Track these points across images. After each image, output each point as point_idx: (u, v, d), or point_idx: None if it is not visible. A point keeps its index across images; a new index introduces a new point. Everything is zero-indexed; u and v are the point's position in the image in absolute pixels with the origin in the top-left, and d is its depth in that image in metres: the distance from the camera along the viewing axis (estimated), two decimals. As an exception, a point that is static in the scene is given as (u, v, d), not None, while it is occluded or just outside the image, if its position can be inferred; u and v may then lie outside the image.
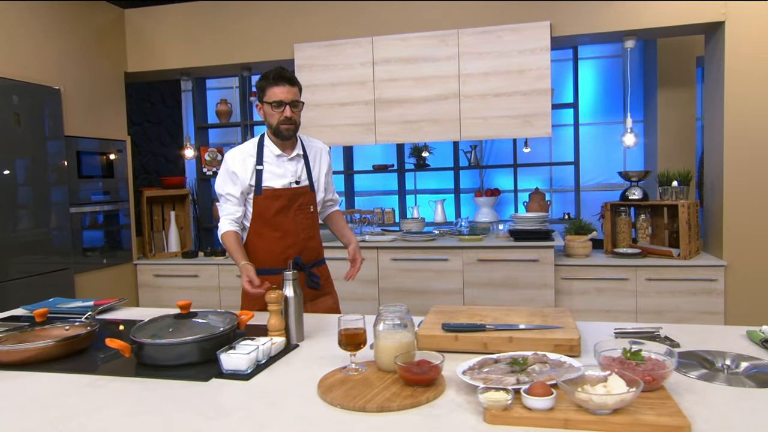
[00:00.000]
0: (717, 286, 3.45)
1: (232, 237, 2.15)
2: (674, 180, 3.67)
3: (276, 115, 2.11)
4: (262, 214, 2.18)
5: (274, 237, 2.19)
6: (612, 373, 1.19)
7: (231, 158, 2.18)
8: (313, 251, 2.30)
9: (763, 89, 3.34)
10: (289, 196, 2.19)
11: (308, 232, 2.26)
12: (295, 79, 2.13)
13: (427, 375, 1.29)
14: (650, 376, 1.20)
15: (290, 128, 2.13)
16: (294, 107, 2.12)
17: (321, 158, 2.33)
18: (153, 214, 4.56)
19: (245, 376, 1.41)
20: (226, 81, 5.62)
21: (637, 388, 1.12)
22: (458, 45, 3.72)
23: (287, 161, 2.21)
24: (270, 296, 1.65)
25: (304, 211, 2.24)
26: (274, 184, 2.18)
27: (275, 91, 2.09)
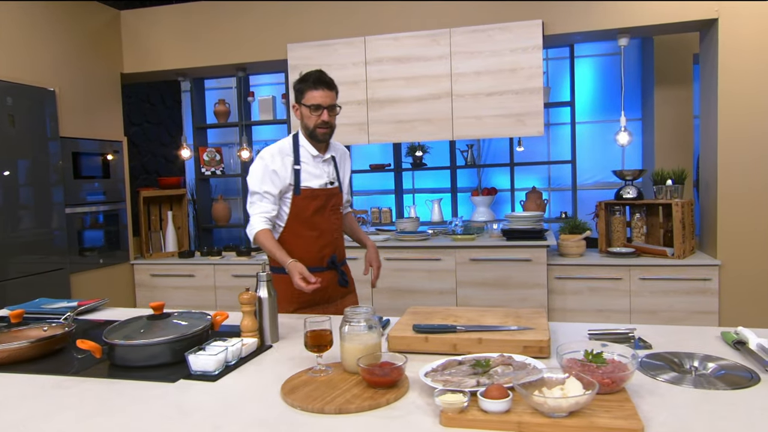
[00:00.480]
0: (711, 285, 3.42)
1: (270, 235, 2.14)
2: (668, 179, 3.64)
3: (313, 118, 2.13)
4: (299, 213, 2.19)
5: (312, 236, 2.21)
6: (570, 376, 1.19)
7: (270, 156, 2.17)
8: (342, 250, 2.36)
9: (757, 87, 3.31)
10: (325, 197, 2.23)
11: (339, 231, 2.33)
12: (333, 84, 2.16)
13: (388, 377, 1.29)
14: (609, 379, 1.20)
15: (326, 132, 2.16)
16: (331, 111, 2.14)
17: (345, 161, 2.38)
18: (150, 214, 4.59)
19: (213, 377, 1.43)
20: (226, 81, 5.64)
21: (591, 391, 1.12)
22: (450, 44, 3.71)
23: (322, 162, 2.24)
24: (243, 297, 1.66)
25: (336, 211, 2.29)
26: (312, 184, 2.20)
27: (314, 94, 2.11)
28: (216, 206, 5.19)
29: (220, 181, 5.48)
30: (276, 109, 4.92)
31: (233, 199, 5.43)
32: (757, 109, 3.32)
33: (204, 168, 5.10)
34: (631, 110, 4.76)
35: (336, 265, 2.28)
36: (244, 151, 4.52)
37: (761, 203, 3.37)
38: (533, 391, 1.16)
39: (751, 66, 3.31)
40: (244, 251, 4.30)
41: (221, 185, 5.53)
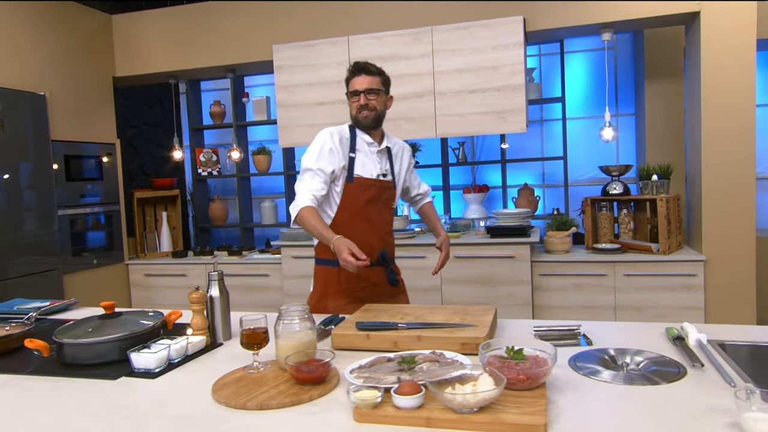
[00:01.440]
0: (696, 281, 3.38)
1: (314, 212, 2.01)
2: (654, 174, 3.60)
3: (354, 104, 2.15)
4: (352, 202, 2.13)
5: (363, 228, 2.13)
6: (483, 373, 1.20)
7: (329, 134, 2.15)
8: (392, 247, 2.29)
9: (740, 81, 3.26)
10: (377, 188, 2.17)
11: (390, 227, 2.27)
12: (373, 69, 2.15)
13: (314, 373, 1.32)
14: (525, 375, 1.21)
15: (367, 115, 2.13)
16: (370, 94, 2.12)
17: (402, 155, 2.33)
18: (145, 214, 4.68)
19: (153, 374, 1.47)
20: (222, 82, 5.71)
21: (499, 387, 1.13)
22: (432, 42, 3.72)
23: (377, 152, 2.20)
24: (192, 297, 1.70)
25: (388, 206, 2.24)
26: (364, 173, 2.15)
27: (352, 81, 2.15)
28: (213, 206, 5.27)
29: (218, 182, 5.56)
30: (270, 109, 4.97)
31: (230, 199, 5.49)
32: (740, 103, 3.28)
33: (200, 169, 5.17)
34: (624, 105, 4.72)
35: (386, 261, 2.18)
36: (234, 151, 4.57)
37: (745, 198, 3.32)
38: (447, 388, 1.18)
39: (734, 60, 3.26)
40: (236, 251, 4.36)
41: (219, 185, 5.61)
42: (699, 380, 1.30)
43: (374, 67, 2.16)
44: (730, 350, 1.53)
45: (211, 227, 5.31)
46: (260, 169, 5.03)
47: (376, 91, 2.13)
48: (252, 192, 5.37)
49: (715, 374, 1.33)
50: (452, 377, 1.21)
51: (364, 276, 2.11)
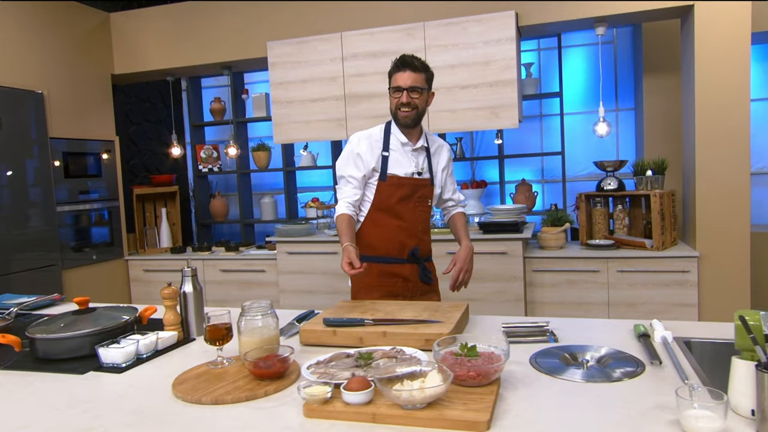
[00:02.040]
0: (690, 277, 3.35)
1: (344, 219, 2.10)
2: (648, 169, 3.56)
3: (394, 100, 2.11)
4: (384, 200, 2.15)
5: (394, 225, 2.16)
6: (432, 370, 1.21)
7: (357, 140, 2.17)
8: (426, 245, 2.27)
9: (734, 76, 3.21)
10: (411, 186, 2.16)
11: (425, 225, 2.24)
12: (418, 65, 2.09)
13: (271, 369, 1.33)
14: (475, 372, 1.22)
15: (408, 114, 2.09)
16: (413, 92, 2.07)
17: (441, 154, 2.29)
18: (145, 211, 4.74)
19: (120, 369, 1.50)
20: (223, 79, 5.75)
21: (444, 383, 1.14)
22: (425, 38, 3.71)
23: (411, 151, 2.18)
24: (163, 292, 1.73)
25: (423, 203, 2.21)
26: (398, 171, 2.15)
27: (395, 77, 2.09)
28: (214, 202, 5.32)
29: (220, 178, 5.61)
30: (269, 106, 5.00)
31: (231, 195, 5.54)
32: (734, 98, 3.23)
33: (201, 165, 5.22)
34: (624, 100, 4.67)
35: (417, 258, 2.19)
36: (231, 148, 4.61)
37: (740, 194, 3.27)
38: (396, 383, 1.19)
39: (728, 54, 3.21)
40: (233, 247, 4.40)
41: (221, 182, 5.65)
42: (655, 377, 1.30)
43: (420, 63, 2.10)
44: (695, 348, 1.53)
45: (212, 223, 5.36)
46: (260, 165, 5.06)
47: (419, 89, 2.08)
48: (252, 188, 5.41)
49: (672, 372, 1.33)
50: (403, 374, 1.22)
51: (396, 272, 2.16)
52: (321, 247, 4.00)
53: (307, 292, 4.04)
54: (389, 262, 2.16)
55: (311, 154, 4.89)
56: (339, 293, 3.97)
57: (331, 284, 4.00)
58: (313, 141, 4.25)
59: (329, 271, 3.99)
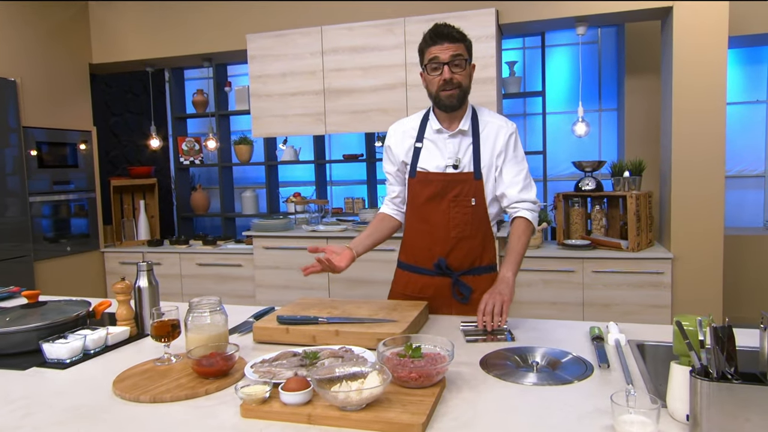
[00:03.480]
0: (664, 279, 3.35)
1: (376, 220, 1.96)
2: (626, 170, 3.56)
3: (434, 79, 1.74)
4: (413, 200, 1.89)
5: (422, 230, 1.88)
6: (372, 371, 1.19)
7: (392, 131, 1.95)
8: (468, 255, 1.87)
9: (710, 77, 3.21)
10: (442, 183, 1.81)
11: (462, 229, 1.83)
12: (456, 35, 1.73)
13: (213, 367, 1.31)
14: (416, 373, 1.20)
15: (453, 94, 1.74)
16: (455, 66, 1.72)
17: (496, 137, 1.82)
18: (123, 203, 4.69)
19: (65, 365, 1.47)
20: (206, 71, 5.70)
21: (381, 385, 1.12)
22: (405, 33, 3.68)
23: (448, 138, 1.82)
24: (116, 287, 1.70)
25: (462, 203, 1.81)
26: (428, 165, 1.84)
27: (431, 50, 1.73)
28: (195, 195, 5.27)
29: (201, 171, 5.56)
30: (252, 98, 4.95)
31: (212, 188, 5.50)
32: (711, 100, 3.23)
33: (183, 158, 5.17)
34: (607, 100, 4.66)
35: (446, 271, 1.85)
36: (211, 141, 4.57)
37: (714, 196, 3.28)
38: (336, 384, 1.17)
39: (705, 57, 3.21)
40: (210, 240, 4.37)
41: (203, 175, 5.61)
42: (601, 381, 1.29)
43: (457, 31, 1.75)
44: (648, 351, 1.52)
45: (193, 216, 5.32)
46: (241, 159, 5.02)
47: (463, 61, 1.73)
48: (234, 182, 5.37)
49: (619, 375, 1.32)
50: (343, 374, 1.20)
51: (425, 283, 1.90)
52: (298, 242, 3.97)
53: (283, 288, 4.02)
54: (419, 272, 1.91)
55: (293, 148, 4.85)
56: (315, 289, 3.95)
57: (308, 280, 3.97)
58: (292, 135, 4.22)
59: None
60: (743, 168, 4.48)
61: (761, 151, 4.44)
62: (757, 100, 4.39)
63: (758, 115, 4.41)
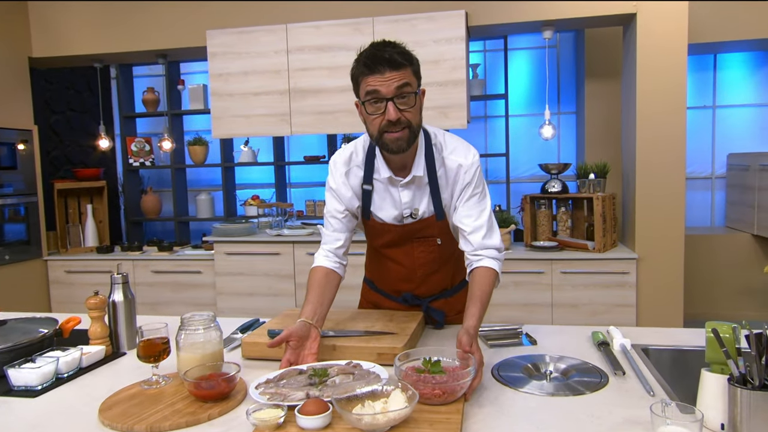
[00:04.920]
0: (629, 279, 3.44)
1: (316, 277, 1.56)
2: (591, 172, 3.64)
3: (375, 119, 1.42)
4: (371, 240, 1.72)
5: (386, 266, 1.73)
6: (395, 389, 1.11)
7: (335, 167, 1.60)
8: (437, 285, 1.73)
9: (673, 82, 3.32)
10: (401, 231, 1.62)
11: (429, 267, 1.68)
12: (400, 58, 1.38)
13: (215, 390, 1.20)
14: (441, 390, 1.13)
15: (401, 137, 1.42)
16: (402, 99, 1.39)
17: (456, 180, 1.55)
18: (68, 207, 4.38)
19: (35, 392, 1.31)
20: (156, 68, 5.42)
21: (410, 405, 1.05)
22: (373, 33, 3.61)
23: (401, 187, 1.56)
24: (89, 302, 1.54)
25: (427, 243, 1.64)
26: (383, 215, 1.60)
27: (368, 80, 1.40)
28: (145, 199, 5.00)
29: (151, 173, 5.29)
30: (207, 98, 4.75)
31: (164, 191, 5.23)
32: (672, 104, 3.34)
33: (132, 159, 4.90)
34: (566, 104, 4.76)
35: (415, 302, 1.73)
36: (165, 141, 4.34)
37: (676, 198, 3.39)
38: (357, 404, 1.09)
39: (667, 62, 3.32)
40: (166, 246, 4.14)
41: (154, 177, 5.33)
42: (620, 389, 1.27)
43: (401, 52, 1.40)
44: (653, 355, 1.52)
45: (143, 221, 5.04)
46: (196, 160, 4.81)
47: (410, 93, 1.40)
48: (188, 184, 5.13)
49: (636, 383, 1.30)
50: (363, 393, 1.12)
51: (395, 307, 1.76)
52: (262, 247, 3.83)
53: (247, 295, 3.86)
54: (387, 297, 1.79)
55: (251, 149, 4.68)
56: (281, 295, 3.82)
57: (273, 286, 3.83)
58: (255, 136, 4.06)
59: (271, 272, 3.83)
60: (691, 171, 4.68)
61: (708, 155, 4.65)
62: (705, 105, 4.60)
63: (705, 120, 4.62)
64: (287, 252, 3.78)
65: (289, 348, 1.35)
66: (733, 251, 4.23)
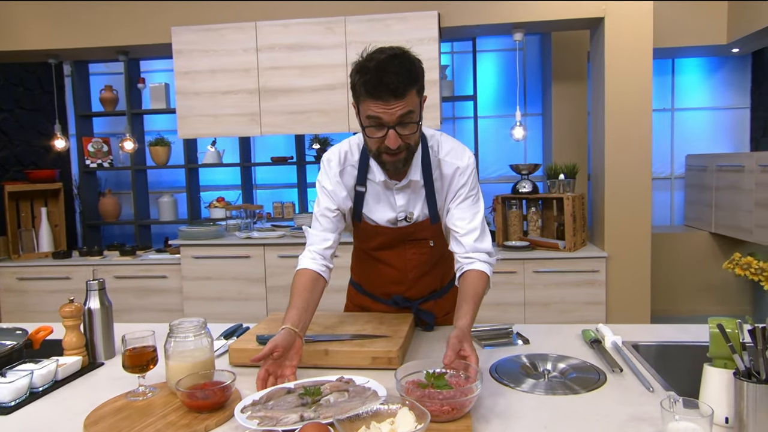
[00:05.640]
0: (599, 277, 3.51)
1: (301, 280, 1.50)
2: (561, 173, 3.70)
3: (374, 140, 1.41)
4: (363, 242, 1.68)
5: (376, 269, 1.69)
6: (402, 407, 1.05)
7: (327, 162, 1.57)
8: (428, 287, 1.71)
9: (640, 85, 3.42)
10: (394, 233, 1.60)
11: (421, 269, 1.67)
12: (403, 86, 1.33)
13: (209, 400, 1.13)
14: (449, 406, 1.08)
15: (399, 160, 1.43)
16: (404, 128, 1.37)
17: (452, 181, 1.55)
18: (20, 210, 4.15)
19: (8, 409, 1.21)
20: (114, 66, 5.21)
21: (422, 425, 0.99)
22: (345, 33, 3.57)
23: (396, 190, 1.55)
24: (64, 310, 1.45)
25: (420, 245, 1.63)
26: (376, 218, 1.59)
27: (370, 105, 1.35)
28: (104, 201, 4.80)
29: (109, 174, 5.07)
30: (169, 97, 4.59)
31: (124, 193, 5.03)
32: (639, 106, 3.43)
33: (89, 160, 4.69)
34: (532, 105, 4.84)
35: (405, 304, 1.70)
36: (127, 142, 4.16)
37: (643, 197, 3.49)
38: (360, 426, 1.01)
39: (635, 65, 3.41)
40: (129, 251, 3.97)
41: (111, 178, 5.12)
42: (619, 386, 1.27)
43: (407, 76, 1.35)
44: (642, 351, 1.53)
45: (101, 224, 4.83)
46: (158, 161, 4.64)
47: (412, 122, 1.38)
48: (149, 186, 4.95)
49: (633, 379, 1.31)
50: (366, 413, 1.06)
51: (383, 309, 1.73)
52: (231, 250, 3.72)
53: (216, 300, 3.75)
54: (375, 300, 1.76)
55: (217, 150, 4.55)
56: (251, 300, 3.72)
57: (243, 290, 3.73)
58: (223, 136, 3.95)
59: (240, 276, 3.73)
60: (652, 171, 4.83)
61: (667, 156, 4.82)
62: (664, 108, 4.76)
63: (665, 122, 4.78)
64: (258, 255, 3.69)
65: (270, 359, 1.28)
66: (692, 249, 4.39)
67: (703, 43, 4.12)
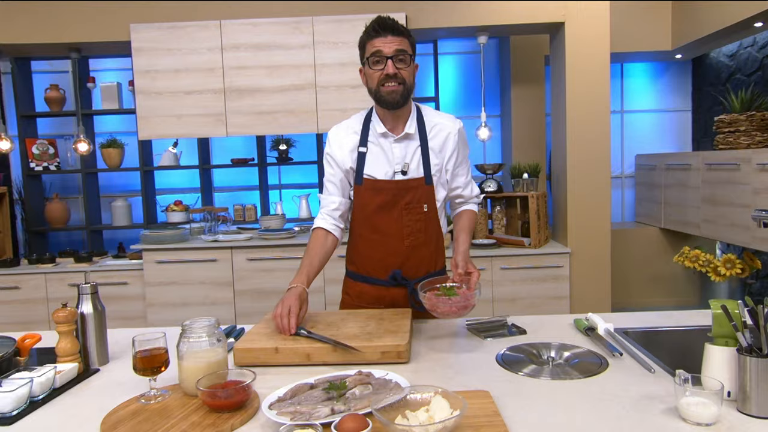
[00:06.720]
0: (563, 272, 3.65)
1: (314, 238, 1.76)
2: (525, 173, 3.82)
3: (375, 73, 1.65)
4: (362, 209, 1.78)
5: (373, 240, 1.78)
6: (435, 395, 1.08)
7: (332, 136, 1.80)
8: (422, 263, 1.81)
9: (599, 88, 3.58)
10: (392, 191, 1.73)
11: (416, 237, 1.77)
12: (401, 29, 1.67)
13: (232, 399, 1.11)
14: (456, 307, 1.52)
15: (396, 90, 1.65)
16: (400, 62, 1.64)
17: (445, 139, 1.77)
18: (-38, 217, 3.88)
19: (9, 419, 1.14)
20: (60, 64, 4.96)
21: (460, 412, 1.02)
22: (313, 33, 3.56)
23: (394, 142, 1.74)
24: (58, 315, 1.38)
25: (414, 210, 1.74)
26: (375, 172, 1.74)
27: (374, 42, 1.65)
28: (50, 206, 4.55)
29: (55, 178, 4.82)
30: (122, 97, 4.42)
31: (72, 198, 4.80)
32: (598, 108, 3.60)
33: (33, 163, 4.43)
34: (490, 107, 4.97)
35: (402, 282, 1.77)
36: (81, 143, 3.98)
37: (602, 195, 3.66)
38: (395, 416, 1.03)
39: (594, 68, 3.58)
40: (84, 257, 3.79)
41: (58, 182, 4.86)
42: (622, 369, 1.34)
43: (401, 27, 1.69)
44: (633, 336, 1.62)
45: (48, 231, 4.58)
46: (110, 164, 4.45)
47: (407, 57, 1.66)
48: (100, 190, 4.74)
49: (632, 362, 1.38)
50: (398, 400, 1.07)
51: (381, 294, 1.81)
52: (197, 254, 3.63)
53: (181, 305, 3.64)
54: (372, 283, 1.82)
55: (175, 153, 4.41)
56: (219, 304, 3.64)
57: (209, 294, 3.64)
58: (188, 137, 3.84)
59: (207, 280, 3.63)
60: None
61: (618, 156, 5.07)
62: (614, 110, 5.01)
63: (615, 124, 5.02)
64: (225, 258, 3.61)
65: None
66: (643, 244, 4.63)
67: (649, 49, 4.37)
